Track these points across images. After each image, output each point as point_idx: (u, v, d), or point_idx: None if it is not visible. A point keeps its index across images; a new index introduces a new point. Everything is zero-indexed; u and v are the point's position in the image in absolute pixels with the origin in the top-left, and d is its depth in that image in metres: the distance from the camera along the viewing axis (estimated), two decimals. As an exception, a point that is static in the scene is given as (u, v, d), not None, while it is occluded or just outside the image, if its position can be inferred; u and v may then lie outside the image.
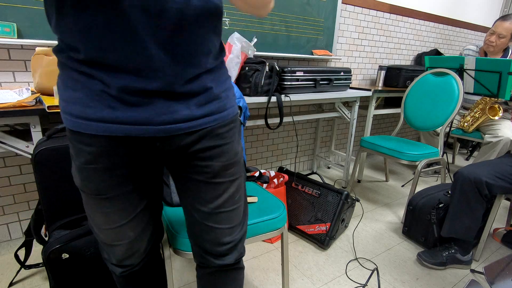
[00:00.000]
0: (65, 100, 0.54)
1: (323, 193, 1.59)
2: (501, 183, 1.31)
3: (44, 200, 1.04)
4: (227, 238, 0.72)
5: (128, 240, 0.68)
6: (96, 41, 0.48)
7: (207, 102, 0.60)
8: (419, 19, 2.89)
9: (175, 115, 0.56)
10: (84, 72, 0.51)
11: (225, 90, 0.64)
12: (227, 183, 0.67)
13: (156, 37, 0.49)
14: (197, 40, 0.54)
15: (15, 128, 1.35)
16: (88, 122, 0.53)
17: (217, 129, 0.62)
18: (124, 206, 0.64)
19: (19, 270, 1.25)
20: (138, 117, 0.53)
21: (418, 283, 1.35)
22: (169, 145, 0.59)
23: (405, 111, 2.12)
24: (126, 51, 0.49)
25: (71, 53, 0.51)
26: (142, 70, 0.51)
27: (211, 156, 0.63)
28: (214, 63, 0.60)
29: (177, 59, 0.53)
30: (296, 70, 1.68)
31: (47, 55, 1.19)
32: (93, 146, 0.55)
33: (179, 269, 1.36)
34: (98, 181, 0.59)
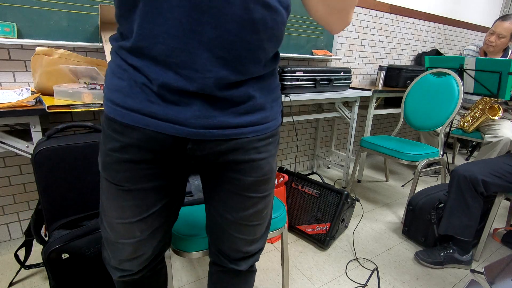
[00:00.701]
0: (109, 87, 0.55)
1: (323, 193, 1.59)
2: (497, 181, 1.32)
3: (44, 200, 1.04)
4: (246, 248, 0.71)
5: (134, 240, 0.65)
6: (147, 28, 0.48)
7: (248, 112, 0.57)
8: (419, 19, 2.89)
9: (211, 120, 0.54)
10: (131, 64, 0.52)
11: (271, 100, 0.61)
12: (257, 199, 0.65)
13: (203, 35, 0.48)
14: (247, 47, 0.52)
15: (15, 128, 1.35)
16: (126, 111, 0.53)
17: (254, 142, 0.59)
18: (139, 203, 0.62)
19: (19, 270, 1.25)
20: (175, 116, 0.53)
21: (418, 283, 1.35)
22: (200, 150, 0.57)
23: (405, 111, 2.12)
24: (172, 44, 0.48)
25: (123, 42, 0.52)
26: (184, 68, 0.50)
27: (244, 170, 0.61)
28: (263, 71, 0.57)
29: (221, 63, 0.51)
30: (296, 70, 1.68)
31: (47, 55, 1.19)
32: (124, 135, 0.55)
33: (179, 269, 1.36)
34: (120, 170, 0.58)
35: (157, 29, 0.48)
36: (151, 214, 0.64)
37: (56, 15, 1.32)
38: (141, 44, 0.50)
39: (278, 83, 0.64)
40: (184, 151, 0.58)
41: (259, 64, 0.55)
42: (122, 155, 0.57)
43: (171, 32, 0.48)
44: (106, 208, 0.64)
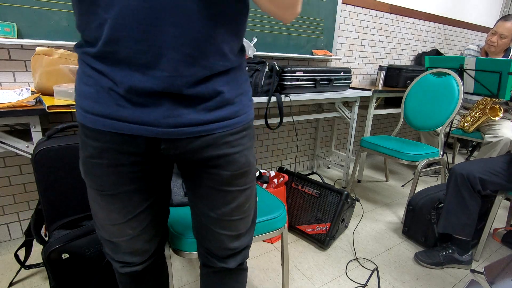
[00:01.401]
0: (79, 94, 0.56)
1: (323, 193, 1.59)
2: (494, 179, 1.32)
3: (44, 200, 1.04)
4: (233, 244, 0.72)
5: (127, 237, 0.68)
6: (110, 33, 0.48)
7: (217, 107, 0.57)
8: (419, 19, 2.89)
9: (181, 119, 0.55)
10: (96, 68, 0.52)
11: (240, 94, 0.61)
12: (236, 192, 0.66)
13: (166, 34, 0.49)
14: (211, 42, 0.52)
15: (15, 128, 1.35)
16: (96, 117, 0.54)
17: (226, 137, 0.60)
18: (124, 205, 0.63)
19: (19, 270, 1.25)
20: (144, 117, 0.53)
21: (418, 283, 1.35)
22: (173, 148, 0.58)
23: (405, 111, 2.12)
24: (136, 46, 0.49)
25: (87, 48, 0.52)
26: (150, 68, 0.50)
27: (220, 165, 0.62)
28: (229, 65, 0.57)
29: (187, 61, 0.51)
30: (296, 70, 1.68)
31: (47, 55, 1.19)
32: (99, 141, 0.56)
33: (179, 269, 1.36)
34: (101, 176, 0.59)
35: (120, 33, 0.48)
36: (138, 214, 0.66)
37: (56, 15, 1.32)
38: (105, 49, 0.50)
39: (246, 77, 0.64)
40: (158, 151, 0.59)
41: (225, 58, 0.56)
42: (99, 160, 0.58)
43: (134, 35, 0.48)
44: (94, 210, 0.66)
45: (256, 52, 1.85)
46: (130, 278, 0.76)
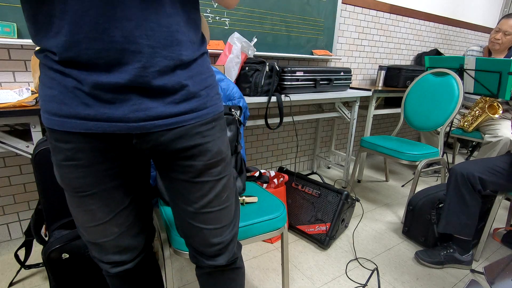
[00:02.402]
0: (43, 99, 0.55)
1: (323, 193, 1.59)
2: (494, 179, 1.32)
3: (44, 200, 1.04)
4: (216, 239, 0.71)
5: (113, 236, 0.67)
6: (68, 39, 0.49)
7: (183, 100, 0.58)
8: (419, 19, 2.89)
9: (149, 112, 0.55)
10: (59, 70, 0.52)
11: (206, 88, 0.62)
12: (212, 182, 0.66)
13: (123, 29, 0.49)
14: (166, 30, 0.53)
15: (15, 128, 1.35)
16: (63, 119, 0.53)
17: (197, 127, 0.61)
18: (107, 203, 0.63)
19: (19, 270, 1.25)
20: (112, 114, 0.53)
21: (418, 283, 1.35)
22: (146, 142, 0.59)
23: (405, 111, 2.12)
24: (96, 46, 0.49)
25: (48, 53, 0.52)
26: (113, 64, 0.51)
27: (192, 155, 0.62)
28: (191, 56, 0.58)
29: (148, 52, 0.52)
30: (296, 70, 1.68)
31: (47, 55, 1.19)
32: (70, 143, 0.56)
33: (179, 269, 1.36)
34: (79, 177, 0.59)
35: (78, 36, 0.48)
36: (122, 210, 0.66)
37: (56, 15, 1.32)
38: (67, 55, 0.50)
39: (210, 72, 0.65)
40: (131, 146, 0.59)
41: (185, 47, 0.56)
42: (75, 162, 0.57)
43: (92, 35, 0.48)
44: (76, 215, 0.65)
45: (256, 52, 1.85)
46: (122, 278, 0.76)
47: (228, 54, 1.51)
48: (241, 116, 1.19)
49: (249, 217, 0.98)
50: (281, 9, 1.93)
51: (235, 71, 1.54)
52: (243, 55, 1.55)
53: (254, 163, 2.26)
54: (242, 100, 1.23)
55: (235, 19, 1.78)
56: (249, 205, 1.07)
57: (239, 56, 1.52)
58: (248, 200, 1.08)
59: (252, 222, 0.97)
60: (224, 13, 1.75)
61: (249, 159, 2.23)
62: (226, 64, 1.52)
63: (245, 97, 1.40)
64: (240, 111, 1.17)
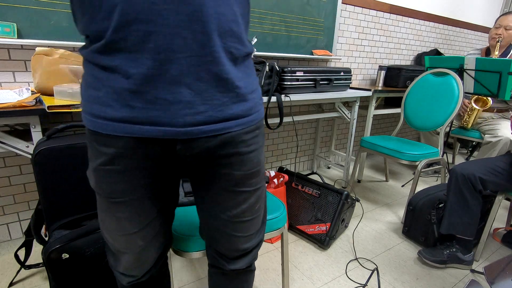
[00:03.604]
0: (86, 100, 0.53)
1: (323, 193, 1.59)
2: (495, 179, 1.33)
3: (44, 200, 1.04)
4: (243, 246, 0.71)
5: (137, 250, 0.65)
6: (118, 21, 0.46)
7: (233, 103, 0.55)
8: (419, 19, 2.89)
9: (199, 116, 0.52)
10: (105, 66, 0.49)
11: (253, 91, 0.59)
12: (248, 193, 0.64)
13: (178, 12, 0.46)
14: (222, 19, 0.50)
15: (15, 128, 1.35)
16: (107, 121, 0.51)
17: (242, 135, 0.58)
18: (137, 213, 0.60)
19: (19, 270, 1.25)
20: (159, 117, 0.50)
21: (418, 283, 1.35)
22: (190, 148, 0.55)
23: (405, 111, 2.12)
24: (147, 29, 0.46)
25: (94, 45, 0.49)
26: (162, 52, 0.47)
27: (233, 164, 0.60)
28: (242, 51, 0.55)
29: (200, 38, 0.48)
30: (296, 70, 1.68)
31: (47, 55, 1.19)
32: (111, 147, 0.53)
33: (179, 269, 1.36)
34: (114, 183, 0.56)
35: (130, 16, 0.46)
36: (149, 222, 0.63)
37: (56, 15, 1.32)
38: (115, 37, 0.47)
39: (255, 74, 0.62)
40: (173, 152, 0.56)
41: (238, 40, 0.54)
42: (112, 167, 0.55)
43: (144, 16, 0.46)
44: (104, 221, 0.63)
45: (256, 52, 1.85)
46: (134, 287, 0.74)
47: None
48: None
49: (249, 217, 0.98)
50: (281, 9, 1.93)
51: (235, 71, 1.53)
52: (243, 55, 1.55)
53: (254, 163, 2.26)
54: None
55: (235, 19, 1.78)
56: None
57: (239, 56, 1.52)
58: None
59: (252, 222, 0.97)
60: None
61: (249, 159, 2.22)
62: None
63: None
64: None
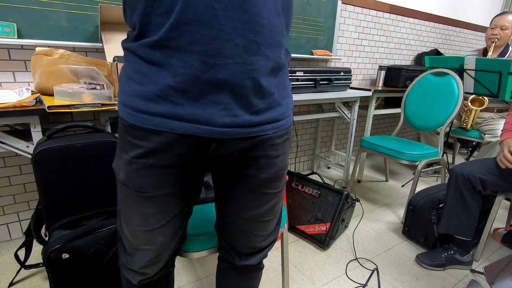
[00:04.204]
0: (127, 93, 0.53)
1: (323, 193, 1.59)
2: (494, 179, 1.33)
3: (44, 200, 1.04)
4: (260, 244, 0.73)
5: (156, 246, 0.65)
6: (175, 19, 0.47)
7: (268, 108, 0.57)
8: (419, 19, 2.89)
9: (236, 118, 0.53)
10: (155, 61, 0.50)
11: (286, 97, 0.61)
12: (271, 195, 0.66)
13: (234, 19, 0.48)
14: (274, 31, 0.52)
15: (15, 128, 1.35)
16: (148, 116, 0.52)
17: (273, 139, 0.60)
18: (163, 209, 0.61)
19: (19, 270, 1.25)
20: (199, 115, 0.51)
21: (418, 283, 1.35)
22: (223, 149, 0.57)
23: (405, 111, 2.12)
24: (202, 31, 0.47)
25: (146, 39, 0.50)
26: (213, 56, 0.48)
27: (260, 166, 0.61)
28: (284, 61, 0.57)
29: (250, 47, 0.50)
30: (296, 70, 1.68)
31: (47, 55, 1.19)
32: (148, 141, 0.53)
33: (179, 269, 1.36)
34: (145, 177, 0.57)
35: (189, 16, 0.47)
36: (172, 218, 0.64)
37: (56, 15, 1.32)
38: (170, 35, 0.48)
39: (289, 80, 0.64)
40: (207, 151, 0.57)
41: (281, 51, 0.56)
42: (147, 160, 0.55)
43: (202, 18, 0.47)
44: (128, 216, 0.63)
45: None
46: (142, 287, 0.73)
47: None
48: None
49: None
50: (281, 9, 1.93)
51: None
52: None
53: (254, 163, 2.26)
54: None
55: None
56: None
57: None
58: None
59: (252, 222, 0.97)
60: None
61: (249, 159, 2.22)
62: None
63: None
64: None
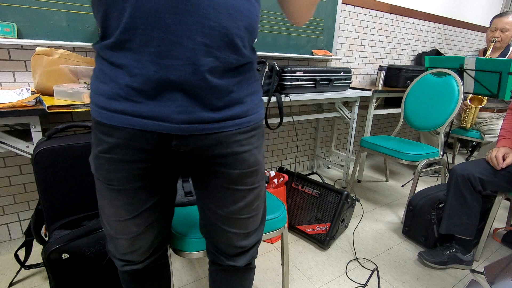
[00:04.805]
0: (95, 92, 0.57)
1: (323, 193, 1.59)
2: (494, 180, 1.33)
3: (44, 200, 1.04)
4: (241, 243, 0.72)
5: (131, 235, 0.68)
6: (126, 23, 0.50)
7: (227, 106, 0.58)
8: (419, 19, 2.89)
9: (194, 115, 0.55)
10: (113, 62, 0.53)
11: (250, 94, 0.62)
12: (245, 191, 0.66)
13: (181, 22, 0.49)
14: (225, 33, 0.53)
15: (15, 128, 1.35)
16: (111, 113, 0.55)
17: (236, 135, 0.61)
18: (130, 202, 0.64)
19: (19, 270, 1.25)
20: (158, 112, 0.54)
21: (418, 283, 1.35)
22: (185, 145, 0.59)
23: (405, 111, 2.12)
24: (153, 33, 0.50)
25: (105, 41, 0.53)
26: (165, 56, 0.51)
27: (229, 163, 0.62)
28: (241, 61, 0.58)
29: (200, 49, 0.52)
30: (296, 70, 1.68)
31: (47, 55, 1.19)
32: (112, 136, 0.57)
33: (179, 269, 1.36)
34: (112, 171, 0.60)
35: (137, 21, 0.49)
36: (143, 211, 0.66)
37: (56, 15, 1.32)
38: (122, 37, 0.51)
39: (256, 77, 0.64)
40: (169, 147, 0.59)
41: (238, 52, 0.56)
42: (112, 155, 0.59)
43: (150, 22, 0.49)
44: (102, 207, 0.67)
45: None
46: (131, 276, 0.77)
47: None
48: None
49: (249, 217, 0.98)
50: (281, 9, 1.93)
51: (235, 71, 1.53)
52: (243, 55, 1.55)
53: (254, 163, 2.26)
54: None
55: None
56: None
57: (239, 56, 1.52)
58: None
59: (252, 222, 0.97)
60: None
61: (249, 159, 2.22)
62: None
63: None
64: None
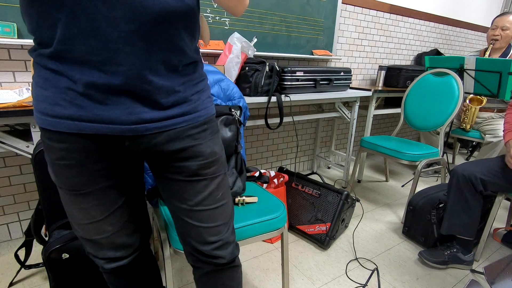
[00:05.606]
0: (36, 99, 0.56)
1: (323, 193, 1.59)
2: (495, 180, 1.33)
3: (44, 200, 1.04)
4: (213, 238, 0.71)
5: (107, 234, 0.68)
6: (64, 32, 0.49)
7: (175, 105, 0.59)
8: (419, 19, 2.89)
9: (142, 115, 0.56)
10: (52, 69, 0.52)
11: (197, 92, 0.64)
12: (206, 180, 0.67)
13: (119, 29, 0.50)
14: (164, 38, 0.54)
15: (15, 128, 1.35)
16: (57, 119, 0.54)
17: (188, 130, 0.62)
18: (101, 202, 0.64)
19: (19, 270, 1.25)
20: (105, 115, 0.54)
21: (418, 283, 1.35)
22: (137, 144, 0.60)
23: (405, 111, 2.12)
24: (91, 43, 0.49)
25: (42, 49, 0.52)
26: (107, 64, 0.51)
27: (185, 157, 0.63)
28: (184, 61, 0.59)
29: (141, 54, 0.52)
30: (296, 70, 1.68)
31: (47, 55, 1.19)
32: (63, 142, 0.56)
33: (179, 269, 1.36)
34: (72, 176, 0.59)
35: (73, 31, 0.49)
36: (116, 210, 0.67)
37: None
38: (61, 48, 0.50)
39: (202, 77, 0.66)
40: (123, 147, 0.60)
41: (180, 53, 0.57)
42: (68, 161, 0.58)
43: (88, 31, 0.49)
44: (71, 213, 0.66)
45: (256, 52, 1.85)
46: (116, 274, 0.77)
47: (228, 54, 1.51)
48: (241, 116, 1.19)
49: (249, 217, 0.98)
50: (281, 9, 1.93)
51: (235, 71, 1.54)
52: (243, 55, 1.55)
53: (254, 163, 2.26)
54: (242, 100, 1.23)
55: (235, 19, 1.78)
56: (249, 205, 1.07)
57: (239, 56, 1.52)
58: (248, 200, 1.08)
59: (252, 222, 0.97)
60: (224, 13, 1.75)
61: (249, 159, 2.22)
62: (226, 64, 1.52)
63: (245, 97, 1.40)
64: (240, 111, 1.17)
